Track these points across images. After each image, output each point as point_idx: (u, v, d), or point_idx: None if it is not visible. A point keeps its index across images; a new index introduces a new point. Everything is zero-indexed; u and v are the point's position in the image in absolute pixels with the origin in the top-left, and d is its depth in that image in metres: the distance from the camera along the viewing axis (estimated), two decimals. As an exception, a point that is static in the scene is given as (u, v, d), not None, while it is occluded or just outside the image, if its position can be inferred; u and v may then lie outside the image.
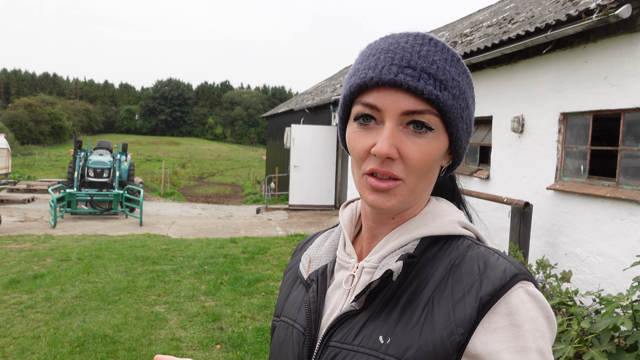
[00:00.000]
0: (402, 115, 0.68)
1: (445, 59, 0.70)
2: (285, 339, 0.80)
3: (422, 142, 0.69)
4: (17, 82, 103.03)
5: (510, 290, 0.66)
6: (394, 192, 0.70)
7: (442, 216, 0.77)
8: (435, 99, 0.68)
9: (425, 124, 0.69)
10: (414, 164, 0.69)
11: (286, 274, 0.93)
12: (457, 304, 0.66)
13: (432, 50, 0.70)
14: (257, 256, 7.78)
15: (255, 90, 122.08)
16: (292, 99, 26.06)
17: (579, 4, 5.34)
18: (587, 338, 2.64)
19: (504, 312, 0.65)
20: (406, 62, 0.68)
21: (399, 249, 0.75)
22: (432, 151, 0.70)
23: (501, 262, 0.69)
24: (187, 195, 26.42)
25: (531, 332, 0.64)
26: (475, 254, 0.71)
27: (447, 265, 0.71)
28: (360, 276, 0.77)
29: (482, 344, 0.64)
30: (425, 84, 0.67)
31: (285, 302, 0.87)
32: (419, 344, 0.66)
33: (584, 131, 5.12)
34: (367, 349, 0.69)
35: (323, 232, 0.93)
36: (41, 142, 68.41)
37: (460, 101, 0.71)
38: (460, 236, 0.75)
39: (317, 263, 0.85)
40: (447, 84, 0.69)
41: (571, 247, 5.07)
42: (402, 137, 0.69)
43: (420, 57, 0.69)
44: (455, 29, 12.24)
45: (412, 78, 0.67)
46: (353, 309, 0.73)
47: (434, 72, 0.68)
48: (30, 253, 7.70)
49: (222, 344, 4.41)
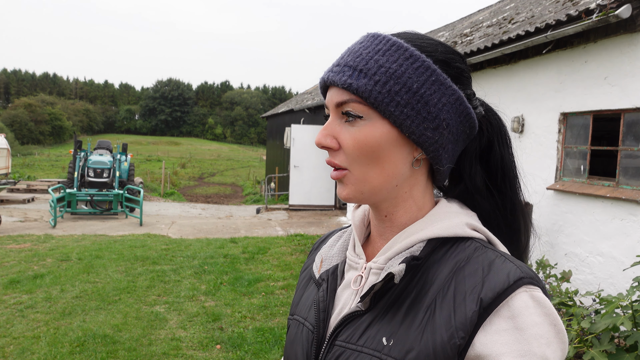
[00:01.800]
0: (336, 107, 0.73)
1: (377, 50, 0.71)
2: (296, 336, 0.82)
3: (354, 129, 0.71)
4: (17, 82, 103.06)
5: (514, 293, 0.64)
6: (345, 182, 0.74)
7: (450, 218, 0.75)
8: (349, 87, 0.70)
9: (351, 113, 0.71)
10: (349, 151, 0.72)
11: (302, 273, 0.95)
12: (458, 306, 0.65)
13: (366, 44, 0.73)
14: (257, 256, 7.78)
15: (255, 90, 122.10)
16: (292, 99, 26.05)
17: (579, 4, 5.34)
18: (587, 338, 2.64)
19: (507, 315, 0.63)
20: (338, 61, 0.73)
21: (404, 251, 0.74)
22: (364, 138, 0.70)
23: (507, 266, 0.67)
24: (187, 195, 26.43)
25: (536, 337, 0.62)
26: (481, 256, 0.70)
27: (452, 268, 0.70)
28: (368, 277, 0.78)
29: (482, 347, 0.63)
30: (342, 76, 0.71)
31: (299, 301, 0.89)
32: (419, 347, 0.65)
33: (584, 131, 5.12)
34: (371, 349, 0.69)
35: (337, 232, 0.94)
36: (41, 142, 68.43)
37: (390, 86, 0.69)
38: (469, 238, 0.73)
39: (329, 263, 0.86)
40: (368, 72, 0.70)
41: (571, 247, 5.07)
42: (340, 128, 0.73)
43: (350, 54, 0.73)
44: (455, 29, 12.24)
45: (335, 74, 0.72)
46: (359, 310, 0.74)
47: (356, 64, 0.71)
48: (30, 253, 7.71)
49: (222, 344, 4.41)
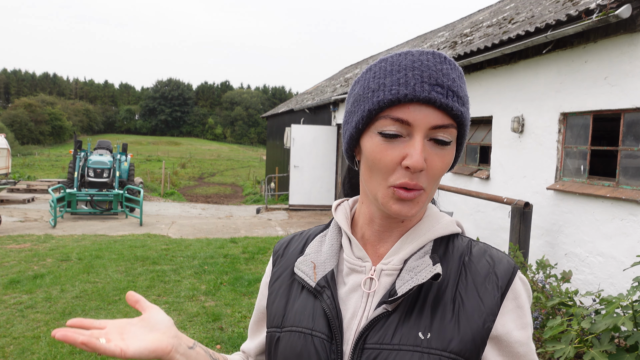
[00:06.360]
0: (430, 129, 0.73)
1: (459, 77, 0.77)
2: (304, 348, 0.79)
3: (443, 153, 0.75)
4: (17, 82, 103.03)
5: (515, 279, 0.79)
6: (417, 201, 0.76)
7: (442, 217, 0.85)
8: (461, 115, 0.75)
9: (446, 139, 0.75)
10: (436, 173, 0.76)
11: (273, 283, 0.91)
12: (483, 295, 0.76)
13: (450, 68, 0.76)
14: (257, 256, 7.78)
15: (255, 90, 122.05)
16: (292, 99, 26.05)
17: (579, 4, 5.34)
18: (587, 338, 2.64)
19: (512, 297, 0.77)
20: (434, 80, 0.73)
21: (419, 251, 0.81)
22: (449, 161, 0.77)
23: (501, 256, 0.81)
24: (187, 195, 26.42)
25: (527, 309, 0.78)
26: (479, 249, 0.82)
27: (459, 262, 0.80)
28: (379, 279, 0.80)
29: (501, 327, 0.76)
30: (452, 101, 0.73)
31: (285, 312, 0.85)
32: (460, 335, 0.73)
33: (584, 131, 5.12)
34: (409, 345, 0.73)
35: (307, 236, 0.94)
36: (41, 142, 68.41)
37: (468, 115, 0.78)
38: (457, 234, 0.85)
39: (323, 269, 0.84)
40: (464, 100, 0.76)
41: (571, 247, 5.06)
42: (428, 149, 0.74)
43: (444, 76, 0.74)
44: (455, 29, 12.24)
45: (442, 96, 0.73)
46: (385, 311, 0.76)
47: (456, 90, 0.74)
48: (30, 253, 7.70)
49: (222, 344, 4.40)
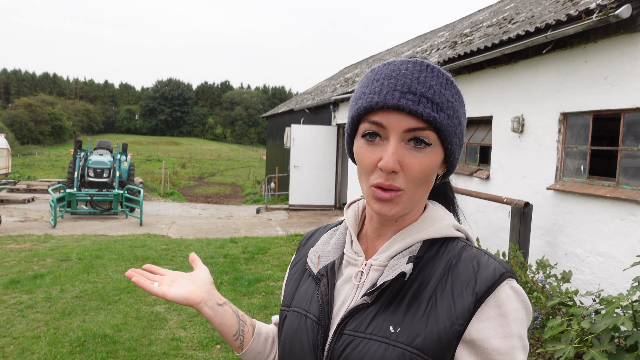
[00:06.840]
0: (405, 132, 0.78)
1: (441, 83, 0.80)
2: (299, 327, 0.89)
3: (421, 155, 0.79)
4: (17, 82, 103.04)
5: (499, 286, 0.78)
6: (396, 201, 0.80)
7: (439, 220, 0.88)
8: (433, 120, 0.77)
9: (424, 140, 0.78)
10: (414, 175, 0.79)
11: (292, 268, 1.03)
12: (457, 298, 0.78)
13: (429, 76, 0.79)
14: (257, 256, 7.78)
15: (255, 90, 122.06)
16: (292, 99, 26.05)
17: (579, 4, 5.34)
18: (587, 338, 2.65)
19: (494, 304, 0.77)
20: (407, 88, 0.77)
21: (404, 250, 0.85)
22: (429, 163, 0.79)
23: (491, 262, 0.81)
24: (187, 195, 26.42)
25: (514, 320, 0.77)
26: (469, 254, 0.83)
27: (446, 265, 0.82)
28: (369, 273, 0.87)
29: (476, 331, 0.76)
30: (424, 107, 0.77)
31: (295, 294, 0.96)
32: (425, 333, 0.77)
33: (584, 131, 5.11)
34: (379, 336, 0.79)
35: (327, 229, 1.03)
36: (41, 142, 68.42)
37: (454, 120, 0.81)
38: (455, 238, 0.87)
39: (326, 259, 0.93)
40: (442, 106, 0.78)
41: (571, 247, 5.06)
42: (404, 152, 0.78)
43: (419, 83, 0.78)
44: (455, 29, 12.24)
45: (413, 102, 0.77)
46: (365, 302, 0.83)
47: (432, 96, 0.78)
48: (30, 253, 7.70)
49: (222, 344, 4.41)
